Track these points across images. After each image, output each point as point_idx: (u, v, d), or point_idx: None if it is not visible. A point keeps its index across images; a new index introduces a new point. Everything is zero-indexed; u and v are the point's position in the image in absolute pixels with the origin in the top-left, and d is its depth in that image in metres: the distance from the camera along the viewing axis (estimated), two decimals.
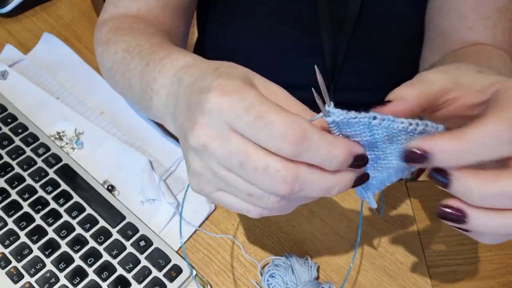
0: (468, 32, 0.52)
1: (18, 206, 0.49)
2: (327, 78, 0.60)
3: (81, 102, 0.59)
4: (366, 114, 0.28)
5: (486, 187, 0.26)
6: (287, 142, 0.26)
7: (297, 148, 0.26)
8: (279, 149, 0.26)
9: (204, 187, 0.31)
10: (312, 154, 0.26)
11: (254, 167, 0.27)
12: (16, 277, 0.44)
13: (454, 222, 0.28)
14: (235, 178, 0.28)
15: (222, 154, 0.27)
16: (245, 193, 0.29)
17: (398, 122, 0.28)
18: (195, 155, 0.29)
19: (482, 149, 0.25)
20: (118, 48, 0.45)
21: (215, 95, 0.27)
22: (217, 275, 0.47)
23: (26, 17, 0.68)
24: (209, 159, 0.29)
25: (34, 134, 0.54)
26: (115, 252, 0.46)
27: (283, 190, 0.27)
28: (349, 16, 0.54)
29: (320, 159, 0.27)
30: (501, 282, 0.49)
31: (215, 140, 0.27)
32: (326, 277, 0.48)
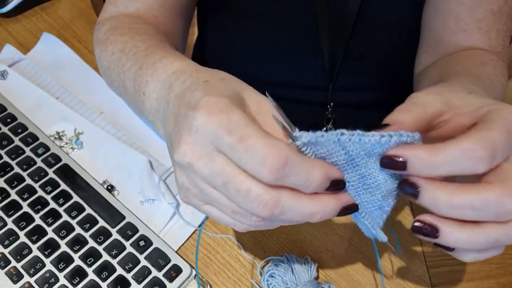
0: (462, 34, 0.52)
1: (17, 206, 0.49)
2: (326, 78, 0.60)
3: (80, 102, 0.59)
4: (333, 132, 0.28)
5: (452, 198, 0.27)
6: (267, 169, 0.26)
7: (277, 175, 0.26)
8: (258, 175, 0.27)
9: (191, 200, 0.32)
10: (292, 179, 0.27)
11: (237, 189, 0.27)
12: (16, 277, 0.44)
13: (428, 236, 0.29)
14: (220, 195, 0.29)
15: (206, 173, 0.28)
16: (229, 210, 0.30)
17: (369, 135, 0.28)
18: (181, 170, 0.30)
19: (455, 164, 0.27)
20: (115, 48, 0.45)
21: (202, 113, 0.27)
22: (216, 275, 0.47)
23: (26, 17, 0.68)
24: (194, 176, 0.29)
25: (34, 134, 0.54)
26: (114, 252, 0.46)
27: (264, 213, 0.27)
28: (348, 16, 0.54)
29: (299, 183, 0.27)
30: (500, 282, 0.49)
31: (200, 159, 0.28)
32: (326, 277, 0.48)
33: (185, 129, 0.28)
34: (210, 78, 0.31)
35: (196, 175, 0.29)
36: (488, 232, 0.28)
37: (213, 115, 0.27)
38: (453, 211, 0.28)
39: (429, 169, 0.27)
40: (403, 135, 0.28)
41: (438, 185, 0.28)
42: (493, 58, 0.50)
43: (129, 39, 0.44)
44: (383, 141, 0.28)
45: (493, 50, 0.52)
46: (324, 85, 0.61)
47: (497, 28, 0.52)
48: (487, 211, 0.27)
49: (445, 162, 0.27)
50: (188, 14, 0.56)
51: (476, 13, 0.51)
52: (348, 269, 0.48)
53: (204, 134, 0.27)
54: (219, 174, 0.27)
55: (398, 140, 0.28)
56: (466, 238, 0.28)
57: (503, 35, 0.53)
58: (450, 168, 0.27)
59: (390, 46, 0.59)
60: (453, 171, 0.27)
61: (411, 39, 0.59)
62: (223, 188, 0.28)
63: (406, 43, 0.60)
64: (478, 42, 0.52)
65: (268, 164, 0.26)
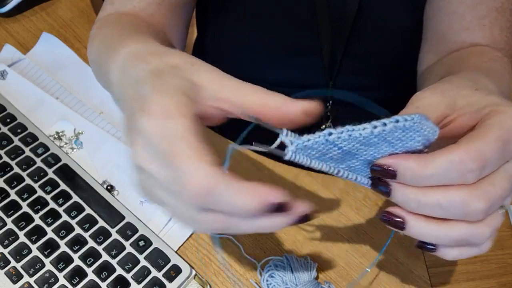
0: (465, 32, 0.52)
1: (17, 206, 0.49)
2: (325, 77, 0.60)
3: (80, 102, 0.59)
4: (320, 133, 0.27)
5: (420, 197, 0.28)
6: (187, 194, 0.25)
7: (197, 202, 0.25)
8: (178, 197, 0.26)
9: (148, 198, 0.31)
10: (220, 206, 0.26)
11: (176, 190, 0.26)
12: (15, 277, 0.44)
13: (395, 227, 0.30)
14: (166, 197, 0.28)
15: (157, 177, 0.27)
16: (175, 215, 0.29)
17: (359, 129, 0.28)
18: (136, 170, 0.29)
19: (444, 176, 0.27)
20: (96, 41, 0.44)
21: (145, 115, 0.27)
22: (216, 275, 0.47)
23: (25, 17, 0.68)
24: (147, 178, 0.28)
25: (33, 134, 0.54)
26: (114, 252, 0.46)
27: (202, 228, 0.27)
28: (348, 15, 0.54)
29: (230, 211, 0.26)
30: (500, 282, 0.49)
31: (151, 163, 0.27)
32: (326, 277, 0.48)
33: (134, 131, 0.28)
34: (162, 66, 0.30)
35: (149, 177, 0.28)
36: (454, 230, 0.29)
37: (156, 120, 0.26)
38: (422, 209, 0.29)
39: (418, 180, 0.28)
40: (399, 120, 0.27)
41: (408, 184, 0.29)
42: (499, 55, 0.50)
43: (108, 31, 0.44)
44: (376, 132, 0.27)
45: (497, 46, 0.52)
46: (323, 83, 0.61)
47: (500, 25, 0.51)
48: (454, 210, 0.28)
49: (434, 174, 0.27)
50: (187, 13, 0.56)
51: (478, 10, 0.50)
52: (348, 269, 0.48)
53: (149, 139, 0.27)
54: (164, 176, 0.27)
55: (394, 126, 0.27)
56: (431, 232, 0.29)
57: (506, 32, 0.52)
58: (439, 179, 0.28)
59: (389, 45, 0.59)
60: (441, 182, 0.28)
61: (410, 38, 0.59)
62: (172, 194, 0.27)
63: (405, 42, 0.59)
64: (482, 39, 0.51)
65: (188, 190, 0.25)
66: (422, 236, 0.30)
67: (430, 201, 0.28)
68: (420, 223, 0.29)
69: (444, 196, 0.28)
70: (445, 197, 0.28)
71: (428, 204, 0.28)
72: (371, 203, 0.53)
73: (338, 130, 0.28)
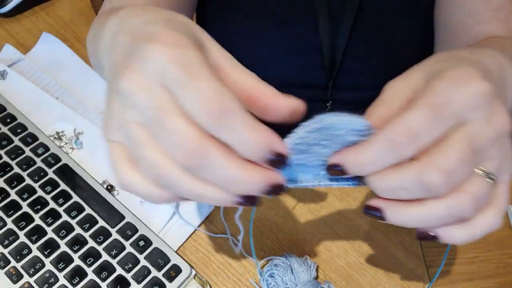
0: (480, 26, 0.51)
1: (17, 206, 0.49)
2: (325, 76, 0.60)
3: (80, 102, 0.59)
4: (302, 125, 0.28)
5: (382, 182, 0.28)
6: (209, 110, 0.24)
7: (215, 120, 0.25)
8: (197, 116, 0.25)
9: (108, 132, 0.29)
10: (229, 132, 0.25)
11: (167, 127, 0.25)
12: (15, 277, 0.44)
13: (376, 217, 0.30)
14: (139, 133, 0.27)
15: (142, 105, 0.26)
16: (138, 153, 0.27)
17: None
18: (118, 98, 0.27)
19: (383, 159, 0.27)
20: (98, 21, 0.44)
21: (156, 44, 0.26)
22: (216, 275, 0.47)
23: (25, 17, 0.68)
24: (128, 105, 0.27)
25: (33, 134, 0.54)
26: (114, 252, 0.46)
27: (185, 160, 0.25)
28: (348, 14, 0.54)
29: (235, 139, 0.25)
30: (500, 282, 0.49)
31: (142, 89, 0.26)
32: (325, 277, 0.48)
33: (135, 58, 0.27)
34: (172, 18, 0.29)
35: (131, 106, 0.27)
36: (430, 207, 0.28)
37: (168, 48, 0.26)
38: (390, 193, 0.28)
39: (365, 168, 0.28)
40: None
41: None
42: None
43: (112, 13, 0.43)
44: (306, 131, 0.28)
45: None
46: (323, 82, 0.61)
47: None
48: (415, 188, 0.27)
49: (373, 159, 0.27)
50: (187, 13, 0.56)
51: (491, 2, 0.49)
52: (348, 269, 0.48)
53: (154, 65, 0.26)
54: (155, 108, 0.26)
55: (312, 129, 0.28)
56: (411, 215, 0.29)
57: None
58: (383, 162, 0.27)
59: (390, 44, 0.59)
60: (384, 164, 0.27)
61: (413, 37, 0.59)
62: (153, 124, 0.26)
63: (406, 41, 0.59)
64: (497, 30, 0.50)
65: (210, 106, 0.24)
66: (405, 221, 0.29)
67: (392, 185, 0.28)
68: (396, 208, 0.29)
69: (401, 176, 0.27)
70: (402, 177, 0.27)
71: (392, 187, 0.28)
72: None
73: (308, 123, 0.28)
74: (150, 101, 0.26)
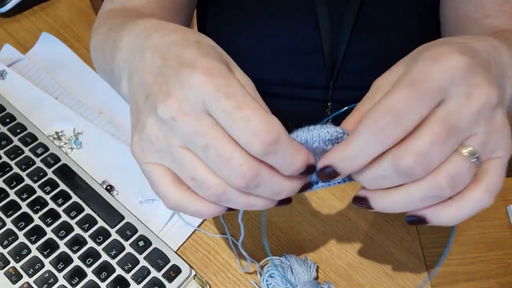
0: (487, 20, 0.51)
1: (16, 206, 0.49)
2: (326, 76, 0.60)
3: (80, 102, 0.59)
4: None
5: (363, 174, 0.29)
6: (259, 141, 0.26)
7: (267, 149, 0.26)
8: (249, 145, 0.26)
9: (145, 156, 0.30)
10: (277, 158, 0.27)
11: (219, 154, 0.27)
12: (15, 277, 0.44)
13: (365, 207, 0.31)
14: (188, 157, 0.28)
15: (189, 132, 0.27)
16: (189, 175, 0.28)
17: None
18: (157, 123, 0.28)
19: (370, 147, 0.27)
20: (104, 29, 0.44)
21: (201, 73, 0.27)
22: (216, 276, 0.47)
23: (25, 17, 0.68)
24: (171, 132, 0.28)
25: (33, 134, 0.54)
26: (114, 252, 0.46)
27: (240, 183, 0.27)
28: (349, 14, 0.54)
29: (282, 164, 0.27)
30: (500, 282, 0.49)
31: (186, 116, 0.27)
32: (325, 277, 0.48)
33: (176, 84, 0.27)
34: (201, 40, 0.30)
35: (174, 132, 0.28)
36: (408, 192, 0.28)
37: (213, 77, 0.26)
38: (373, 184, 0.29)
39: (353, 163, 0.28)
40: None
41: None
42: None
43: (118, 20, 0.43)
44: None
45: None
46: (324, 83, 0.61)
47: None
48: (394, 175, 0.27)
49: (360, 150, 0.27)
50: (187, 13, 0.56)
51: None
52: (348, 269, 0.48)
53: (198, 93, 0.26)
54: (203, 135, 0.27)
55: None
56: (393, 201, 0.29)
57: None
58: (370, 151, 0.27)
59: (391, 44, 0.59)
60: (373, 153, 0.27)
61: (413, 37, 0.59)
62: (202, 150, 0.27)
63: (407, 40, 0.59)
64: (504, 25, 0.50)
65: (261, 136, 0.26)
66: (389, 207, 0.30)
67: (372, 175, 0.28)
68: (379, 196, 0.30)
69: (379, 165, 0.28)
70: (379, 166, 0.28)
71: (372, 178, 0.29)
72: None
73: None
74: (197, 129, 0.27)
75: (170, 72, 0.28)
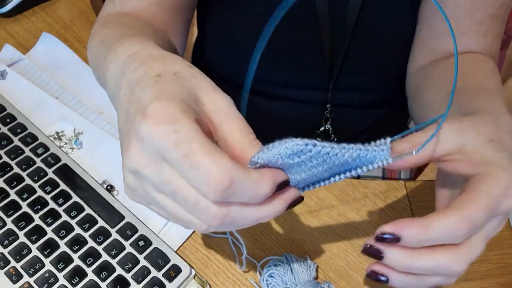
0: (462, 37, 0.52)
1: (17, 206, 0.49)
2: (326, 78, 0.60)
3: (80, 102, 0.59)
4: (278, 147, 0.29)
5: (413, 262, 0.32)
6: (213, 189, 0.26)
7: (223, 194, 0.26)
8: (204, 193, 0.27)
9: (138, 200, 0.32)
10: (239, 196, 0.27)
11: (185, 199, 0.27)
12: (15, 277, 0.44)
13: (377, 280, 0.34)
14: (166, 201, 0.29)
15: (154, 181, 0.28)
16: (173, 216, 0.30)
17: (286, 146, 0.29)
18: (130, 173, 0.29)
19: (439, 239, 0.31)
20: (97, 41, 0.44)
21: (148, 123, 0.26)
22: (216, 275, 0.47)
23: (25, 17, 0.68)
24: (142, 181, 0.29)
25: (33, 134, 0.54)
26: (114, 252, 0.46)
27: (214, 223, 0.28)
28: (349, 16, 0.54)
29: (248, 199, 0.28)
30: (500, 282, 0.49)
31: (148, 167, 0.27)
32: (325, 277, 0.48)
33: (133, 135, 0.28)
34: (163, 71, 0.30)
35: (144, 181, 0.29)
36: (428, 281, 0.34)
37: (159, 126, 0.26)
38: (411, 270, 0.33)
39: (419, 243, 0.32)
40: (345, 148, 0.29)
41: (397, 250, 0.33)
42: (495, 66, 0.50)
43: (109, 31, 0.43)
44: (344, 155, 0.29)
45: (489, 53, 0.52)
46: (324, 84, 0.61)
47: (493, 32, 0.52)
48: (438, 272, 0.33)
49: (432, 238, 0.31)
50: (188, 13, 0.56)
51: (475, 15, 0.51)
52: (347, 269, 0.48)
53: (151, 144, 0.27)
54: (167, 183, 0.27)
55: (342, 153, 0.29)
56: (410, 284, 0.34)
57: (497, 39, 0.53)
58: (435, 241, 0.31)
59: (391, 46, 0.59)
60: (437, 243, 0.32)
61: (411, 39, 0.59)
62: (171, 195, 0.28)
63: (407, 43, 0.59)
64: (476, 45, 0.52)
65: (212, 184, 0.26)
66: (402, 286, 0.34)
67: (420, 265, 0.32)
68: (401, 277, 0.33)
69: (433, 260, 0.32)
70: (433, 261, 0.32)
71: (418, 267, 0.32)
72: (371, 203, 0.53)
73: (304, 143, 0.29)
74: (161, 177, 0.27)
75: (130, 120, 0.28)
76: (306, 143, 0.28)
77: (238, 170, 0.26)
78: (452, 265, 0.32)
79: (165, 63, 0.31)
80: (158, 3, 0.50)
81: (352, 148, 0.29)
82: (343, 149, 0.29)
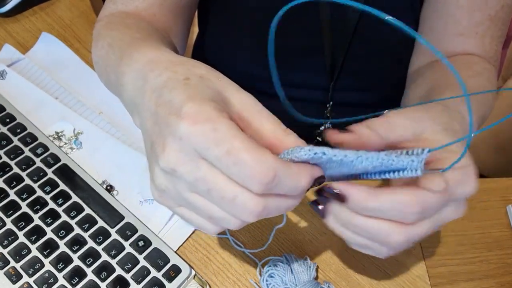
0: (459, 38, 0.52)
1: (16, 206, 0.49)
2: (326, 78, 0.60)
3: (80, 102, 0.59)
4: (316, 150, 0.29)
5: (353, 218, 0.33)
6: (256, 182, 0.26)
7: (265, 187, 0.27)
8: (248, 187, 0.27)
9: (166, 201, 0.32)
10: (280, 189, 0.28)
11: (222, 196, 0.28)
12: (15, 277, 0.44)
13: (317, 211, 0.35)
14: (199, 200, 0.29)
15: (190, 180, 0.28)
16: (206, 215, 0.30)
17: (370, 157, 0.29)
18: (162, 174, 0.30)
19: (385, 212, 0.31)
20: (104, 43, 0.44)
21: (186, 123, 0.27)
22: (216, 275, 0.47)
23: (25, 17, 0.68)
24: (176, 181, 0.29)
25: (33, 134, 0.54)
26: (113, 252, 0.46)
27: (250, 219, 0.28)
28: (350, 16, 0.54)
29: (287, 191, 0.29)
30: (500, 282, 0.49)
31: (184, 165, 0.28)
32: (325, 277, 0.48)
33: (168, 136, 0.28)
34: (189, 74, 0.30)
35: (179, 180, 0.29)
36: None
37: (197, 124, 0.27)
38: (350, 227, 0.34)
39: (362, 210, 0.31)
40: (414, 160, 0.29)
41: None
42: (487, 67, 0.51)
43: (117, 34, 0.44)
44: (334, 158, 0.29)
45: (486, 55, 0.52)
46: (324, 84, 0.61)
47: (491, 34, 0.52)
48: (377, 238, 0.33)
49: (376, 208, 0.31)
50: (188, 13, 0.56)
51: (474, 17, 0.51)
52: (347, 269, 0.48)
53: (189, 143, 0.27)
54: (204, 180, 0.28)
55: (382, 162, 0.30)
56: None
57: (496, 41, 0.53)
58: (381, 213, 0.31)
59: (391, 48, 0.59)
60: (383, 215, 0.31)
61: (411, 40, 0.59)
62: (206, 194, 0.28)
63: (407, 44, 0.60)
64: (473, 47, 0.52)
65: (258, 179, 0.26)
66: None
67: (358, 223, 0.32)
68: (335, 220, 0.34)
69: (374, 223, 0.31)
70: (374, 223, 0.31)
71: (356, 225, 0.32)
72: None
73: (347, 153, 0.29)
74: (197, 175, 0.28)
75: (162, 122, 0.29)
76: (315, 152, 0.28)
77: (280, 164, 0.27)
78: (391, 234, 0.31)
79: (188, 67, 0.31)
80: (159, 4, 0.50)
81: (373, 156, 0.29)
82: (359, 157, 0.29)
